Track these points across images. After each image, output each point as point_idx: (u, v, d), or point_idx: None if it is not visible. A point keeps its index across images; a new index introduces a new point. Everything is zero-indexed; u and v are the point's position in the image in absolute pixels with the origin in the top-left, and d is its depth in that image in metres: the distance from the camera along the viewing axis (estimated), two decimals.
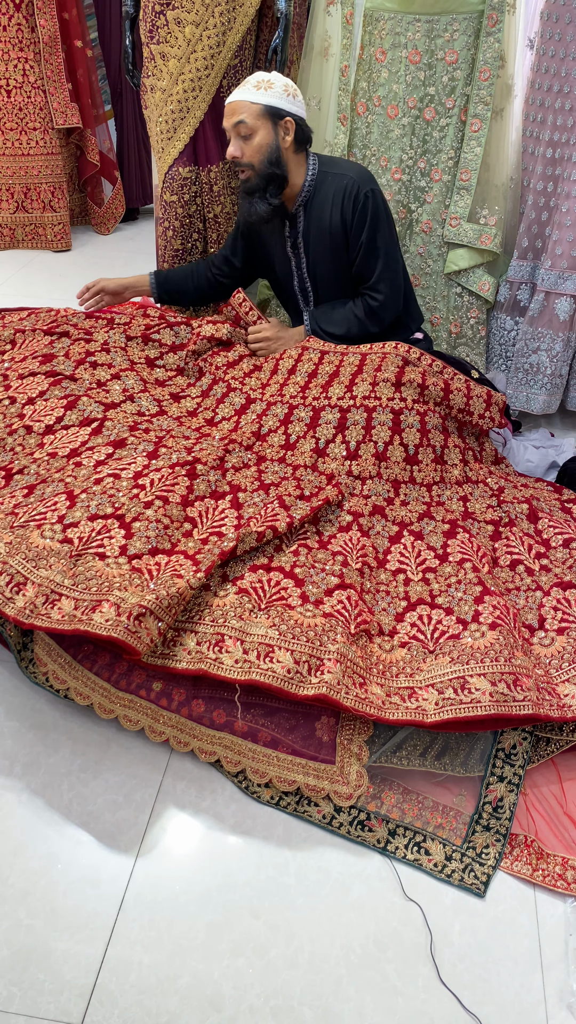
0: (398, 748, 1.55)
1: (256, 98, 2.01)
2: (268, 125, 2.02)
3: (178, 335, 2.24)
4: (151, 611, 1.47)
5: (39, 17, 2.71)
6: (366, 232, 2.09)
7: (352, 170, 2.11)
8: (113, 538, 1.62)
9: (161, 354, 2.21)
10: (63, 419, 1.95)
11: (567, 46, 2.23)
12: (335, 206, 2.10)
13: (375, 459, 1.91)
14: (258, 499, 1.84)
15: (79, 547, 1.60)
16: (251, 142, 2.03)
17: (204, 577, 1.57)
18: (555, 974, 1.30)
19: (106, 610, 1.46)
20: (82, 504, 1.69)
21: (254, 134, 2.02)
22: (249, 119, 2.01)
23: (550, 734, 1.56)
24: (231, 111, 2.03)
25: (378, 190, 2.10)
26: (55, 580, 1.53)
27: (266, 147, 2.03)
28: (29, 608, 1.49)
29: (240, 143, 2.04)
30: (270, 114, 2.01)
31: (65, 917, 1.32)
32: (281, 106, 2.02)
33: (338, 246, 2.15)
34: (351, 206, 2.08)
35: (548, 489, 2.09)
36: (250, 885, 1.38)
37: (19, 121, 2.95)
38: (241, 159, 2.05)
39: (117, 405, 2.04)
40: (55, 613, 1.48)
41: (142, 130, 3.85)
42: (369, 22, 2.37)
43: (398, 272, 2.18)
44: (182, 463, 1.83)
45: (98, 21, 3.29)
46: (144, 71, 2.50)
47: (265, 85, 2.01)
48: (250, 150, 2.04)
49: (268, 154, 2.04)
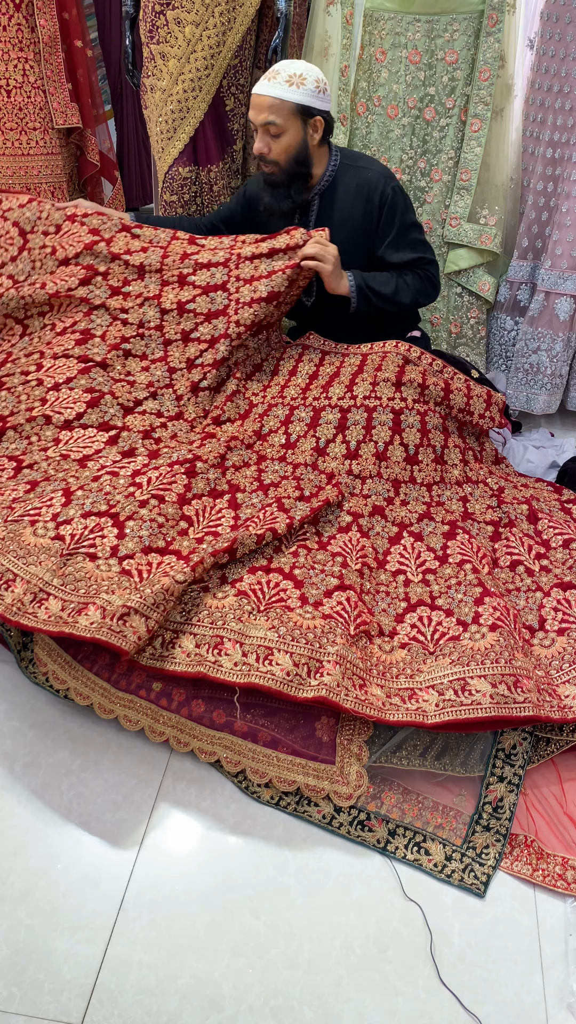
0: (398, 748, 1.55)
1: (288, 95, 1.92)
2: (298, 124, 1.96)
3: (214, 301, 2.09)
4: (135, 609, 1.47)
5: (39, 17, 2.70)
6: (399, 219, 2.09)
7: (374, 165, 2.10)
8: (105, 537, 1.62)
9: (196, 325, 2.08)
10: (83, 416, 1.92)
11: (567, 46, 2.23)
12: (358, 200, 2.09)
13: (375, 458, 1.91)
14: (256, 500, 1.84)
15: (71, 545, 1.60)
16: (279, 141, 1.97)
17: (191, 571, 1.57)
18: (555, 974, 1.30)
19: (92, 613, 1.47)
20: (77, 501, 1.69)
21: (283, 133, 1.96)
22: (279, 119, 1.94)
23: (550, 734, 1.56)
24: (260, 106, 1.94)
25: (398, 184, 2.10)
26: (44, 578, 1.54)
27: (294, 147, 1.99)
28: (17, 605, 1.50)
29: (268, 139, 1.98)
30: (301, 113, 1.95)
31: (65, 917, 1.32)
32: (313, 104, 1.95)
33: (354, 238, 2.13)
34: (378, 202, 2.06)
35: (548, 489, 2.09)
36: (250, 885, 1.38)
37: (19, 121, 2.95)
38: (268, 156, 2.00)
39: (140, 403, 2.00)
40: (42, 612, 1.49)
41: (142, 130, 3.85)
42: (369, 22, 2.37)
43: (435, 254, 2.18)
44: (182, 461, 1.82)
45: (98, 21, 3.29)
46: (144, 71, 2.50)
47: (298, 81, 1.92)
48: (278, 148, 1.99)
49: (296, 153, 2.00)
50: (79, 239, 2.12)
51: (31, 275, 2.15)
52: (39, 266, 2.16)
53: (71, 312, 2.11)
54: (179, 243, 2.15)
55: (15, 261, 2.16)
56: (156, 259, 2.11)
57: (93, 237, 2.11)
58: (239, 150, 2.67)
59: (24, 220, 2.18)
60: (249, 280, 2.05)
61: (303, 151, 2.01)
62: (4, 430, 1.90)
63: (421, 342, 2.26)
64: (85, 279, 2.09)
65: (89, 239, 2.11)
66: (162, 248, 2.13)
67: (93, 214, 2.17)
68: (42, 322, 2.17)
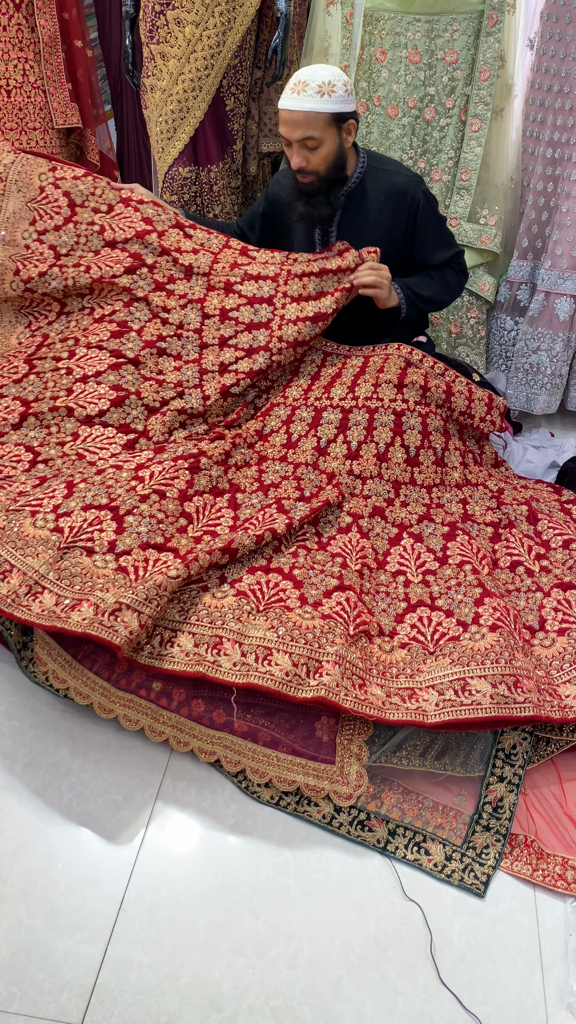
0: (398, 748, 1.55)
1: (322, 107, 1.87)
2: (334, 132, 1.93)
3: (258, 313, 2.08)
4: (127, 605, 1.47)
5: (39, 17, 2.70)
6: (433, 221, 2.10)
7: (405, 171, 2.09)
8: (104, 531, 1.62)
9: (236, 333, 2.08)
10: (105, 414, 1.91)
11: (567, 46, 2.23)
12: (386, 205, 2.07)
13: (376, 459, 1.91)
14: (256, 500, 1.84)
15: (69, 538, 1.60)
16: (318, 152, 1.93)
17: (185, 567, 1.57)
18: (555, 974, 1.30)
19: (84, 609, 1.48)
20: (79, 494, 1.69)
21: (321, 145, 1.92)
22: (316, 132, 1.89)
23: (550, 734, 1.56)
24: (294, 122, 1.88)
25: (426, 186, 2.10)
26: (40, 571, 1.54)
27: (332, 154, 1.95)
28: (11, 597, 1.51)
29: (305, 153, 1.93)
30: (335, 121, 1.92)
31: (65, 917, 1.32)
32: (345, 110, 1.91)
33: (384, 241, 2.11)
34: (410, 206, 2.06)
35: (548, 490, 2.09)
36: (250, 885, 1.38)
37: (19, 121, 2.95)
38: (307, 168, 1.96)
39: (167, 402, 1.98)
40: (36, 606, 1.49)
41: (142, 130, 3.85)
42: (369, 22, 2.37)
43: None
44: (186, 456, 1.83)
45: (98, 21, 3.29)
46: (144, 71, 2.50)
47: (328, 89, 1.86)
48: (316, 159, 1.94)
49: (334, 160, 1.97)
50: (131, 224, 2.09)
51: (74, 250, 2.12)
52: (83, 242, 2.12)
53: (111, 299, 2.09)
54: (231, 252, 2.15)
55: (59, 231, 2.12)
56: (206, 263, 2.11)
57: (146, 226, 2.09)
58: (239, 150, 2.67)
59: (76, 192, 2.13)
60: (296, 299, 2.05)
61: (341, 156, 1.98)
62: (26, 415, 1.89)
63: (426, 347, 2.26)
64: (131, 268, 2.06)
65: (141, 227, 2.08)
66: (213, 254, 2.13)
67: (149, 202, 2.14)
68: (80, 303, 2.15)
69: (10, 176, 2.18)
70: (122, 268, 2.06)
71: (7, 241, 2.17)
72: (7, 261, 2.12)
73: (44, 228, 2.13)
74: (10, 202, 2.19)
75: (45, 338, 2.11)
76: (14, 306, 2.19)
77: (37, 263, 2.09)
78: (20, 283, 2.10)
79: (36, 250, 2.11)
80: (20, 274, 2.09)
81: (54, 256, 2.10)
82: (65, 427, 1.90)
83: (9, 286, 2.11)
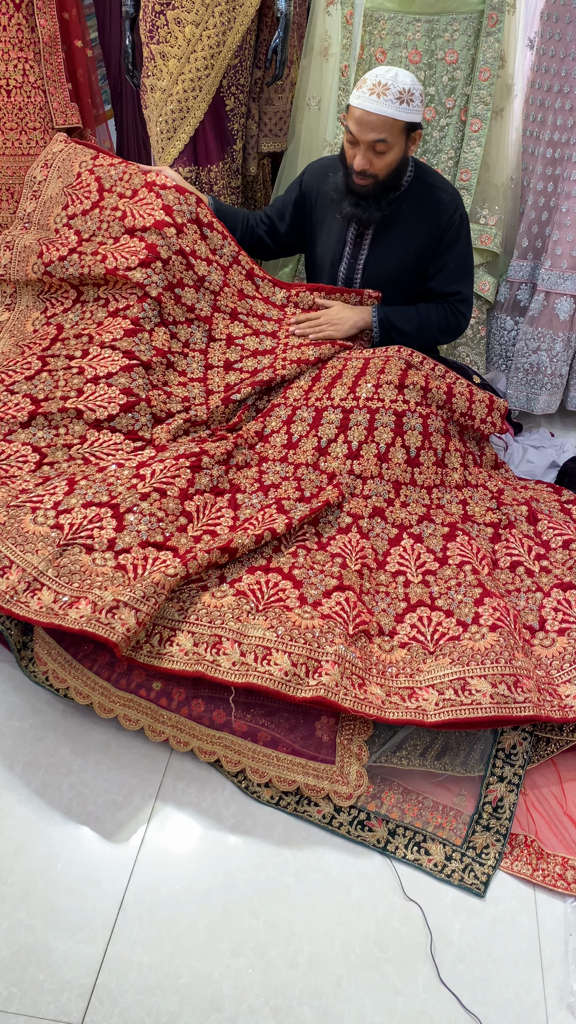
0: (398, 748, 1.55)
1: (400, 115, 1.86)
2: (403, 141, 1.93)
3: (263, 342, 2.14)
4: (125, 603, 1.48)
5: (39, 17, 2.70)
6: (455, 253, 2.08)
7: (447, 187, 2.08)
8: (104, 529, 1.62)
9: (241, 357, 2.12)
10: (114, 419, 1.89)
11: (567, 46, 2.23)
12: (425, 217, 2.06)
13: (377, 459, 1.91)
14: (256, 500, 1.84)
15: (68, 535, 1.61)
16: (384, 157, 1.93)
17: (183, 565, 1.57)
18: (555, 974, 1.30)
19: (82, 607, 1.48)
20: (80, 491, 1.69)
21: (389, 151, 1.92)
22: (391, 138, 1.89)
23: (550, 734, 1.56)
24: (371, 124, 1.87)
25: (465, 211, 2.09)
26: (39, 568, 1.54)
27: (396, 162, 1.95)
28: (10, 593, 1.51)
29: (371, 156, 1.92)
30: (407, 130, 1.92)
31: (65, 917, 1.32)
32: (418, 119, 1.91)
33: (410, 254, 2.11)
34: (444, 225, 2.05)
35: (548, 490, 2.09)
36: (250, 885, 1.38)
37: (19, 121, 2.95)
38: (368, 170, 1.95)
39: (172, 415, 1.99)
40: (34, 603, 1.50)
41: (142, 130, 3.85)
42: (369, 22, 2.37)
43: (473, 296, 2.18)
44: (187, 455, 1.82)
45: (98, 21, 3.29)
46: (144, 71, 2.50)
47: (408, 98, 1.86)
48: (380, 164, 1.94)
49: (397, 168, 1.97)
50: (151, 212, 2.08)
51: (95, 235, 2.12)
52: (104, 227, 2.12)
53: (125, 292, 2.08)
54: (238, 271, 2.19)
55: (86, 215, 2.13)
56: (217, 280, 2.14)
57: (165, 216, 2.07)
58: (239, 150, 2.67)
59: (106, 177, 2.14)
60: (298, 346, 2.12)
61: (403, 165, 1.98)
62: (35, 415, 1.88)
63: (429, 353, 2.26)
64: (145, 260, 2.03)
65: (160, 216, 2.07)
66: (224, 268, 2.16)
67: (172, 187, 2.11)
68: (96, 292, 2.14)
69: (55, 163, 2.23)
70: (136, 260, 2.04)
71: (40, 224, 2.20)
72: (34, 244, 2.13)
73: (74, 213, 2.14)
74: (50, 187, 2.23)
75: (60, 330, 2.10)
76: (34, 290, 2.19)
77: (59, 246, 2.10)
78: (41, 265, 2.10)
79: (63, 234, 2.13)
80: (43, 256, 2.09)
81: (76, 240, 2.11)
82: (74, 429, 1.89)
83: (31, 268, 2.11)
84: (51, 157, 2.25)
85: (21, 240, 2.16)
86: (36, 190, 2.25)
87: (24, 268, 2.12)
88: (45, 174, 2.24)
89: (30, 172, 2.27)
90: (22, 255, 2.14)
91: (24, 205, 2.25)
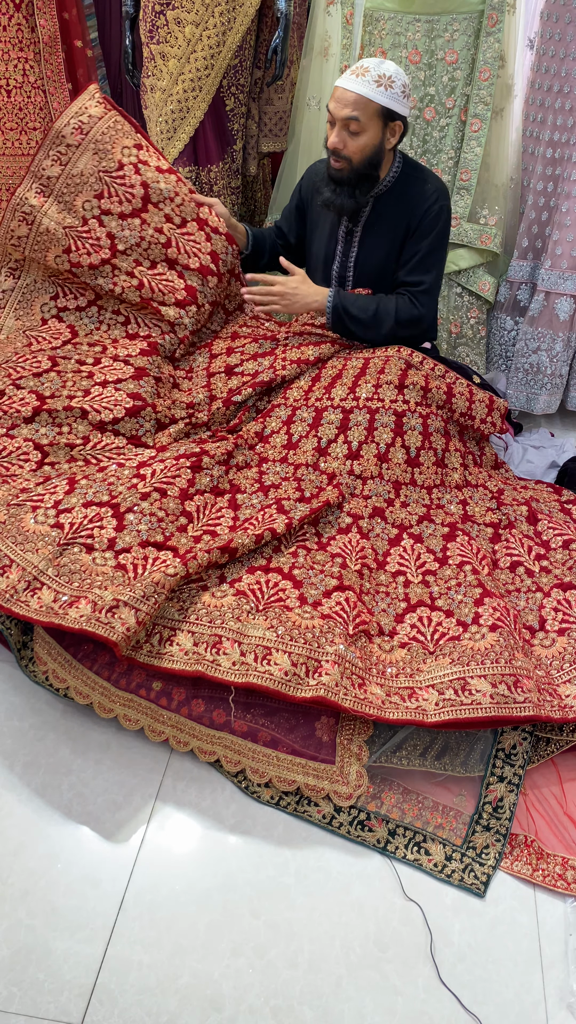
0: (398, 748, 1.55)
1: (375, 96, 1.87)
2: (379, 126, 1.93)
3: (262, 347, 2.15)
4: (125, 602, 1.48)
5: (39, 17, 2.71)
6: (428, 243, 2.05)
7: (434, 180, 2.07)
8: (104, 528, 1.62)
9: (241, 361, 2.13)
10: (118, 423, 1.89)
11: (567, 46, 2.23)
12: (406, 208, 2.06)
13: (377, 459, 1.91)
14: (256, 501, 1.84)
15: (69, 534, 1.61)
16: (357, 139, 1.93)
17: (183, 565, 1.57)
18: (555, 974, 1.30)
19: (82, 606, 1.48)
20: (80, 490, 1.69)
21: (363, 133, 1.92)
22: (363, 117, 1.89)
23: (550, 734, 1.56)
24: (345, 100, 1.88)
25: (448, 205, 2.07)
26: (39, 567, 1.55)
27: (370, 148, 1.95)
28: (10, 592, 1.51)
29: (345, 135, 1.92)
30: (383, 116, 1.92)
31: (65, 917, 1.32)
32: (396, 108, 1.92)
33: (395, 249, 2.11)
34: (422, 212, 2.04)
35: (548, 490, 2.09)
36: (250, 885, 1.38)
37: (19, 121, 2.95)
38: (342, 151, 1.96)
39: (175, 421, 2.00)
40: (34, 602, 1.50)
41: None
42: (369, 22, 2.37)
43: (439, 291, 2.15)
44: (188, 455, 1.83)
45: (98, 21, 3.29)
46: (144, 71, 2.50)
47: (387, 83, 1.88)
48: (354, 146, 1.94)
49: (370, 155, 1.96)
50: (197, 253, 2.08)
51: (132, 251, 2.05)
52: (144, 246, 2.06)
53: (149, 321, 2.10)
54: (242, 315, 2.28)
55: (124, 220, 2.04)
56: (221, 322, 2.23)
57: (211, 264, 2.08)
58: (239, 150, 2.67)
59: (154, 188, 2.04)
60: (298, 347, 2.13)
61: (378, 153, 1.97)
62: (40, 411, 1.86)
63: (429, 353, 2.26)
64: (182, 302, 2.07)
65: (207, 263, 2.08)
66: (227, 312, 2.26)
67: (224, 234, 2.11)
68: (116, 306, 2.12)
69: (92, 132, 2.03)
70: (173, 299, 2.06)
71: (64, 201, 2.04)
72: (60, 231, 2.02)
73: (108, 209, 2.04)
74: (82, 160, 2.03)
75: (74, 334, 2.08)
76: (46, 271, 2.12)
77: (92, 250, 2.02)
78: (67, 263, 2.03)
79: (93, 231, 2.03)
80: (70, 255, 2.02)
81: (110, 248, 2.04)
82: (77, 429, 1.88)
83: (53, 260, 2.04)
84: (87, 121, 2.03)
85: (43, 219, 2.02)
86: (64, 154, 2.03)
87: (44, 254, 2.04)
88: (78, 140, 2.02)
89: (58, 127, 2.01)
90: (43, 239, 2.03)
91: (44, 163, 2.03)
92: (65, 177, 2.04)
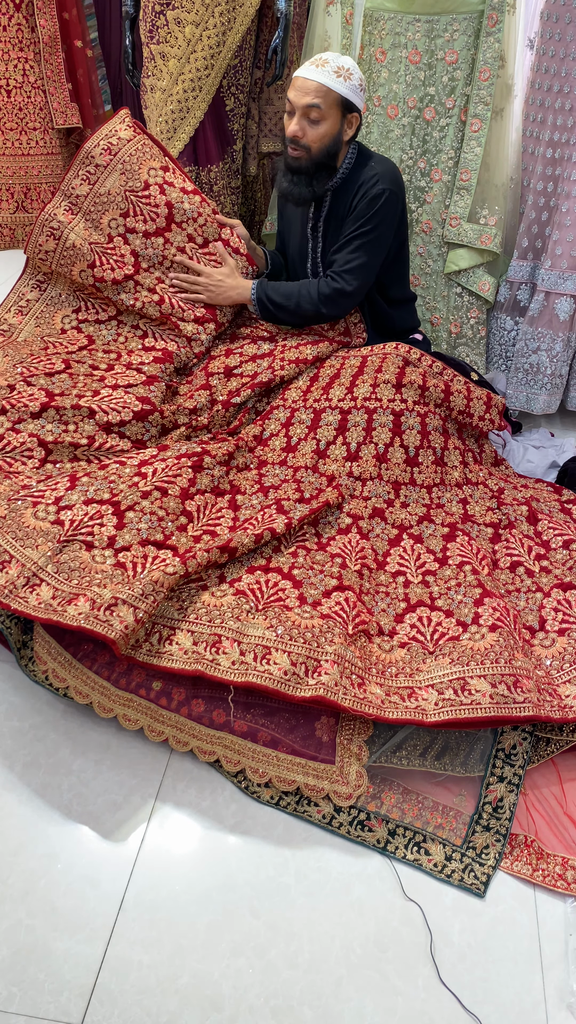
0: (398, 748, 1.55)
1: (335, 86, 1.92)
2: (337, 116, 1.97)
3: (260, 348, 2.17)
4: (123, 600, 1.48)
5: (39, 17, 2.71)
6: (360, 225, 2.05)
7: (382, 166, 2.07)
8: (104, 526, 1.63)
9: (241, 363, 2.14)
10: (124, 426, 1.90)
11: (567, 46, 2.23)
12: (351, 193, 2.08)
13: (375, 460, 1.91)
14: (256, 502, 1.84)
15: (69, 531, 1.61)
16: (317, 128, 1.96)
17: (182, 564, 1.57)
18: (555, 974, 1.30)
19: (81, 604, 1.48)
20: (81, 487, 1.69)
21: (322, 121, 1.95)
22: (324, 105, 1.93)
23: (550, 734, 1.56)
24: (306, 88, 1.93)
25: (398, 193, 2.05)
26: (39, 563, 1.55)
27: (328, 137, 1.98)
28: (9, 587, 1.51)
29: (304, 123, 1.96)
30: (342, 106, 1.96)
31: (65, 917, 1.32)
32: (354, 100, 1.96)
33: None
34: (359, 196, 2.05)
35: (548, 490, 2.09)
36: (250, 885, 1.38)
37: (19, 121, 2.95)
38: (300, 139, 1.98)
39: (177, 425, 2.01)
40: (33, 598, 1.50)
41: None
42: (369, 22, 2.37)
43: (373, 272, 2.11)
44: (189, 454, 1.83)
45: (98, 21, 3.29)
46: (144, 71, 2.50)
47: (345, 74, 1.93)
48: (313, 135, 1.97)
49: (328, 145, 1.99)
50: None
51: (155, 268, 2.11)
52: (167, 264, 2.12)
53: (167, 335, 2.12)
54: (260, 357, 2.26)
55: (148, 239, 2.09)
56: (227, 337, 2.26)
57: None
58: (239, 150, 2.67)
59: (178, 208, 2.10)
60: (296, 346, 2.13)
61: (336, 144, 2.00)
62: (47, 407, 1.87)
63: (422, 345, 2.26)
64: (201, 319, 2.11)
65: None
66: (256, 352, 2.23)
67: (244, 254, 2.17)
68: (135, 320, 2.15)
69: (120, 153, 2.10)
70: (192, 315, 2.10)
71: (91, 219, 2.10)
72: (85, 247, 2.07)
73: (133, 227, 2.09)
74: (110, 179, 2.10)
75: (91, 341, 2.11)
76: (71, 286, 2.17)
77: (115, 266, 2.08)
78: (91, 277, 2.08)
79: (118, 248, 2.09)
80: (95, 270, 2.07)
81: (133, 265, 2.09)
82: (83, 428, 1.88)
83: (78, 274, 2.09)
84: (116, 143, 2.11)
85: (69, 234, 2.08)
86: (92, 173, 2.11)
87: (70, 268, 2.09)
88: (107, 160, 2.10)
89: (88, 147, 2.10)
90: (69, 254, 2.09)
91: (73, 182, 2.11)
92: (93, 196, 2.11)
